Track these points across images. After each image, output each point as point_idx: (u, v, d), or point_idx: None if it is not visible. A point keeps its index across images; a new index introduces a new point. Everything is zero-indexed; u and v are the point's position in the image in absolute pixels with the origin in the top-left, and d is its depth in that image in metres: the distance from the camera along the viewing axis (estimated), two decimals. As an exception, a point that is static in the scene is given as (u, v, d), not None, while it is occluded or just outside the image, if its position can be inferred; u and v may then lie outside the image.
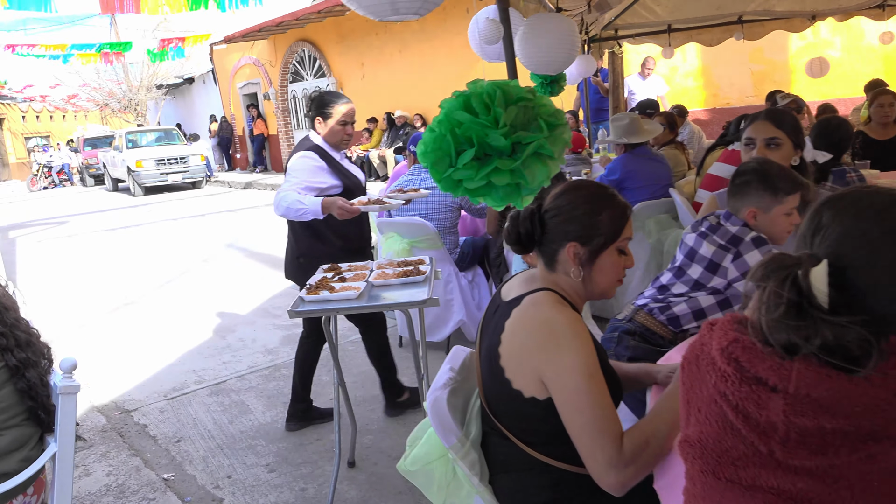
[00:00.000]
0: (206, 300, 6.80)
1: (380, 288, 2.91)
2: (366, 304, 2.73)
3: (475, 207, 4.73)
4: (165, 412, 4.20)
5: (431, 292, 2.73)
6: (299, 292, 2.87)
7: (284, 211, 3.34)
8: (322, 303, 2.74)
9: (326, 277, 3.04)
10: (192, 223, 12.39)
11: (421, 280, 2.93)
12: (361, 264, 3.27)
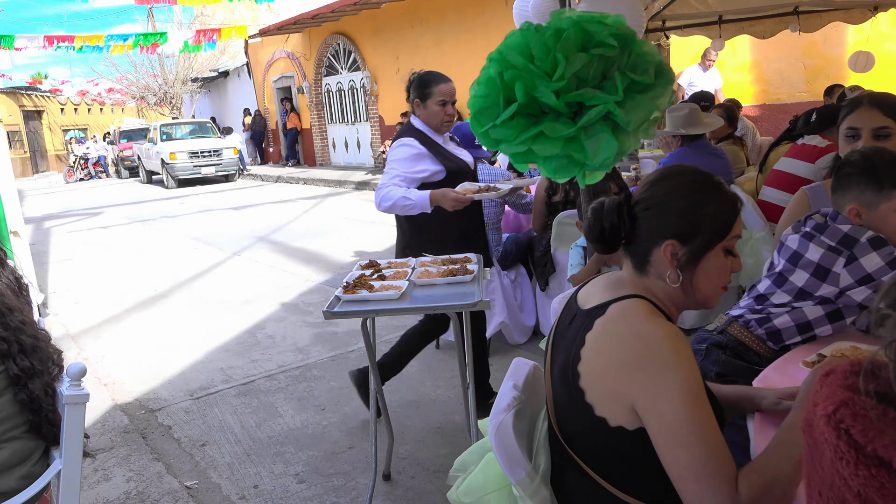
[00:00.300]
0: (236, 294, 6.60)
1: (423, 288, 2.64)
2: (409, 306, 2.46)
3: (520, 202, 4.44)
4: (191, 413, 3.98)
5: (483, 293, 2.45)
6: (335, 291, 2.61)
7: (389, 207, 3.17)
8: (360, 303, 2.48)
9: (365, 275, 2.78)
10: (224, 216, 12.28)
11: (468, 280, 2.65)
12: (402, 261, 3.00)
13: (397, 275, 2.78)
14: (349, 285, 2.62)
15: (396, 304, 2.46)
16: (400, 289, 2.54)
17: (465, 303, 2.38)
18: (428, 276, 2.71)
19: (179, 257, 8.73)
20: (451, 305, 2.42)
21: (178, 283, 7.36)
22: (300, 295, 6.43)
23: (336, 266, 7.50)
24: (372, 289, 2.58)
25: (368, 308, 2.45)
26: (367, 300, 2.50)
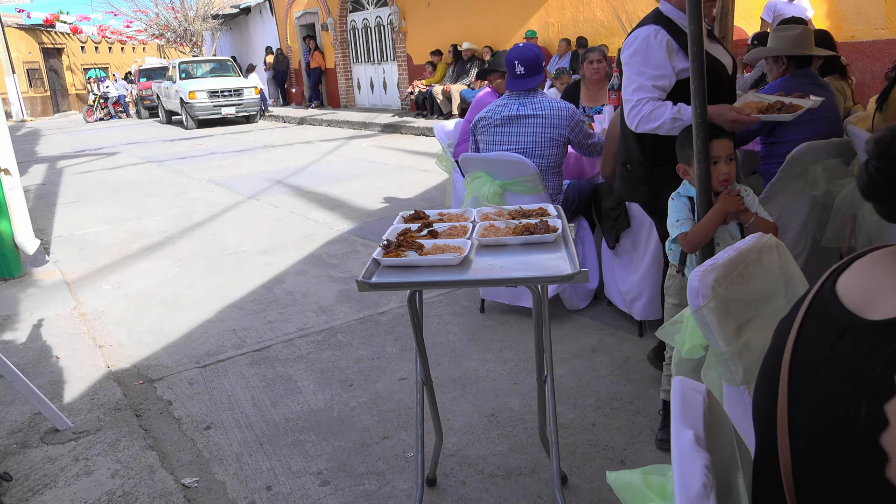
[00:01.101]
0: (252, 243, 5.98)
1: (491, 250, 1.95)
2: (474, 278, 1.78)
3: (586, 143, 3.70)
4: (196, 385, 3.38)
5: (576, 260, 1.76)
6: (374, 254, 1.93)
7: (653, 128, 2.57)
8: (408, 271, 1.80)
9: (410, 230, 2.10)
10: (244, 158, 11.61)
11: (551, 240, 1.96)
12: (458, 212, 2.31)
13: (453, 231, 2.09)
14: (390, 245, 1.94)
15: (456, 273, 1.78)
16: (460, 251, 1.86)
17: (556, 274, 1.70)
18: (495, 234, 2.02)
19: (194, 200, 8.11)
20: (536, 277, 1.73)
21: (190, 227, 6.75)
22: (323, 245, 5.78)
23: (362, 213, 6.83)
24: (422, 250, 1.90)
25: (419, 279, 1.78)
26: (416, 266, 1.82)
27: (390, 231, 2.10)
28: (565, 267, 1.73)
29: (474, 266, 1.82)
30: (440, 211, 2.32)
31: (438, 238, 2.03)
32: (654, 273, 3.45)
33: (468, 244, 1.92)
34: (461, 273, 1.77)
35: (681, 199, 2.42)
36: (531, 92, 3.64)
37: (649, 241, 3.44)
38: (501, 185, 3.62)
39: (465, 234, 2.05)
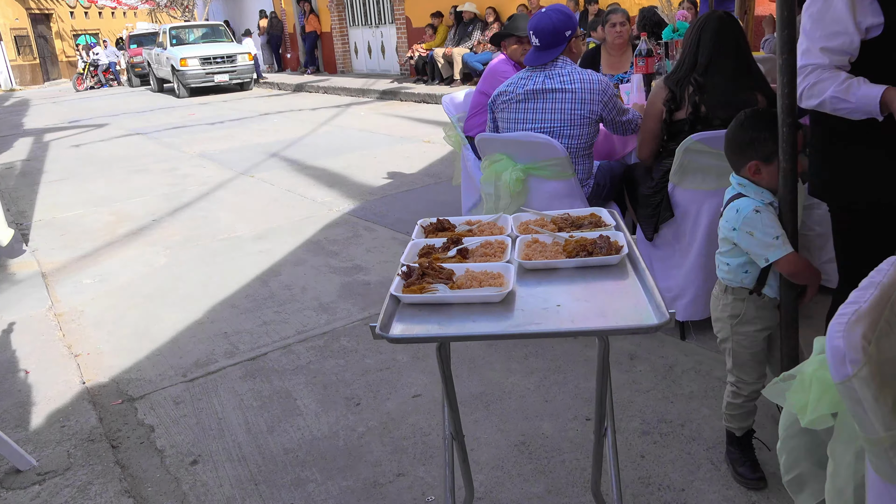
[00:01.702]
0: (245, 227, 5.54)
1: (538, 275, 1.51)
2: (532, 331, 1.34)
3: (619, 119, 3.24)
4: (182, 405, 2.98)
5: (658, 295, 1.33)
6: (392, 288, 1.49)
7: (814, 105, 1.93)
8: (437, 311, 1.37)
9: (434, 249, 1.66)
10: (237, 129, 11.10)
11: (616, 262, 1.53)
12: (489, 220, 1.87)
13: (488, 249, 1.65)
14: (411, 272, 1.50)
15: (501, 315, 1.35)
16: (501, 281, 1.43)
17: (637, 324, 1.27)
18: (542, 254, 1.58)
19: (184, 177, 7.64)
20: (612, 329, 1.30)
21: (180, 208, 6.30)
22: (323, 229, 5.34)
23: (363, 191, 6.38)
24: (452, 280, 1.46)
25: (453, 331, 1.34)
26: (445, 305, 1.39)
27: (409, 249, 1.66)
28: (645, 309, 1.30)
29: (521, 304, 1.39)
30: (468, 219, 1.87)
31: (470, 260, 1.59)
32: (700, 268, 3.02)
33: (509, 270, 1.48)
34: (506, 316, 1.34)
35: (768, 210, 1.96)
36: (557, 61, 3.16)
37: (695, 231, 3.00)
38: (524, 169, 3.17)
39: (503, 252, 1.62)
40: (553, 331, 1.30)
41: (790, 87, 1.82)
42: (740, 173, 2.05)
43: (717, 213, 2.96)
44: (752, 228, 1.94)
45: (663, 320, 1.21)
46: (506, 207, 3.24)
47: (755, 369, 2.10)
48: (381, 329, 1.29)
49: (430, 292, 1.41)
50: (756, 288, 2.01)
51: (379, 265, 4.45)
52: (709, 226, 2.95)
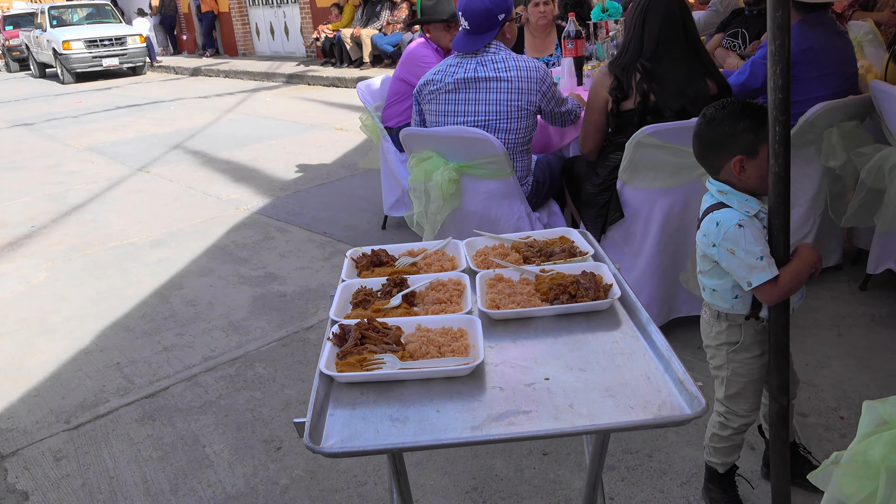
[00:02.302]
0: (142, 232, 4.96)
1: (508, 326, 1.18)
2: (523, 433, 0.99)
3: (560, 110, 2.94)
4: (64, 461, 2.50)
5: (677, 365, 1.01)
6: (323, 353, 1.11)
7: None
8: (384, 409, 1.01)
9: (373, 295, 1.29)
10: (130, 117, 10.23)
11: (606, 307, 1.20)
12: (436, 246, 1.51)
13: (441, 293, 1.29)
14: (345, 334, 1.12)
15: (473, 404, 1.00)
16: (465, 345, 1.08)
17: (665, 416, 0.94)
18: (510, 297, 1.24)
19: (70, 175, 6.89)
20: (634, 424, 0.97)
21: (65, 212, 5.62)
22: (230, 231, 4.84)
23: (274, 186, 5.87)
24: (402, 346, 1.10)
25: (408, 442, 0.97)
26: (397, 382, 1.02)
27: (339, 296, 1.29)
28: (662, 383, 0.97)
29: (497, 377, 1.04)
30: (409, 247, 1.51)
31: (419, 308, 1.23)
32: (653, 272, 2.78)
33: (475, 326, 1.14)
34: (479, 398, 1.00)
35: (752, 223, 1.66)
36: (490, 47, 2.82)
37: (647, 233, 2.75)
38: (458, 168, 2.83)
39: (461, 296, 1.27)
40: (555, 431, 0.96)
41: (784, 78, 1.54)
42: (720, 176, 1.75)
43: (671, 212, 2.71)
44: (734, 245, 1.64)
45: (698, 409, 0.89)
46: (437, 210, 2.89)
47: (749, 400, 1.83)
48: (312, 436, 0.91)
49: (373, 366, 1.05)
50: (752, 313, 1.73)
51: (295, 272, 4.02)
52: (662, 226, 2.70)
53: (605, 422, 0.93)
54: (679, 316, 2.92)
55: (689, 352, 2.80)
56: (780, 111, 1.57)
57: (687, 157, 2.58)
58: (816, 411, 2.40)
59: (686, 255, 2.76)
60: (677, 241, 2.74)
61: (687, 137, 2.55)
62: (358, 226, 4.69)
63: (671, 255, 2.76)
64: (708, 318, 1.84)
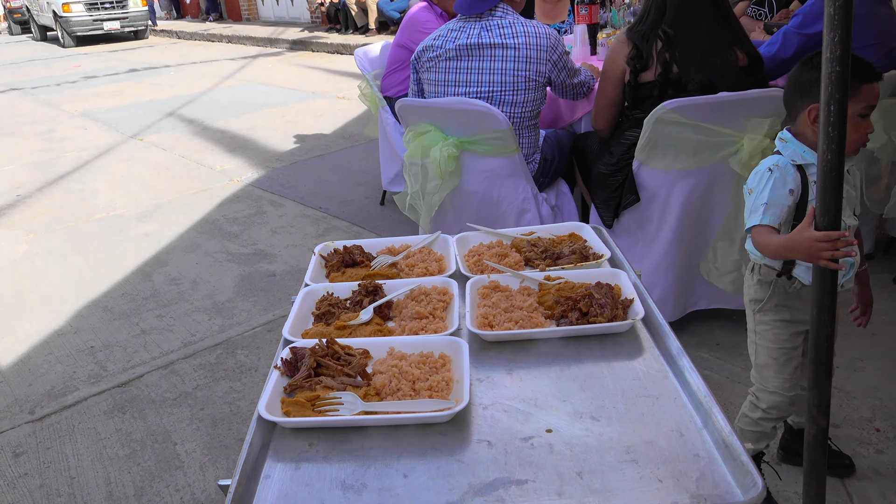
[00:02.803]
0: (129, 204, 4.73)
1: (502, 350, 0.94)
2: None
3: (572, 82, 2.67)
4: (24, 457, 2.30)
5: (717, 413, 0.77)
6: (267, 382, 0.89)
7: None
8: (336, 466, 0.77)
9: (340, 305, 1.05)
10: (128, 83, 9.96)
11: (625, 330, 0.96)
12: (423, 243, 1.27)
13: (422, 305, 1.06)
14: (296, 366, 0.89)
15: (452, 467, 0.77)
16: (447, 378, 0.84)
17: (711, 497, 0.70)
18: (507, 311, 1.00)
19: (61, 142, 6.65)
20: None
21: (52, 180, 5.39)
22: (221, 205, 4.60)
23: (270, 157, 5.62)
24: (367, 379, 0.86)
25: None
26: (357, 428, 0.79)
27: (299, 306, 1.06)
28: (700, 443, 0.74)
29: (485, 427, 0.81)
30: (389, 243, 1.27)
31: (394, 325, 1.00)
32: (670, 262, 2.53)
33: (461, 351, 0.90)
34: (460, 458, 0.76)
35: (784, 171, 1.50)
36: (496, 10, 2.55)
37: (664, 219, 2.50)
38: (458, 143, 2.57)
39: (447, 309, 1.03)
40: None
41: (843, 47, 1.28)
42: (796, 125, 1.61)
43: (691, 196, 2.46)
44: (753, 186, 1.57)
45: (752, 495, 0.65)
46: (435, 190, 2.64)
47: (780, 377, 1.66)
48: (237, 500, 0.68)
49: (328, 407, 0.81)
50: (784, 270, 1.60)
51: (286, 250, 3.79)
52: (681, 212, 2.44)
53: (625, 502, 0.70)
54: (696, 309, 2.67)
55: (706, 349, 2.57)
56: (837, 87, 1.31)
57: (712, 136, 2.32)
58: (849, 422, 2.16)
59: (706, 243, 2.51)
60: (698, 228, 2.49)
61: (712, 114, 2.31)
62: (355, 201, 4.44)
63: (690, 244, 2.51)
64: (745, 270, 1.75)
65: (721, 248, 2.47)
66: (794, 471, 1.96)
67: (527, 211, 2.68)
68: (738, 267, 2.47)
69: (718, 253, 2.48)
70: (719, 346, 2.60)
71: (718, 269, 2.49)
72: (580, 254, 1.18)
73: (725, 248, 2.46)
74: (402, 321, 1.03)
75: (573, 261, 1.16)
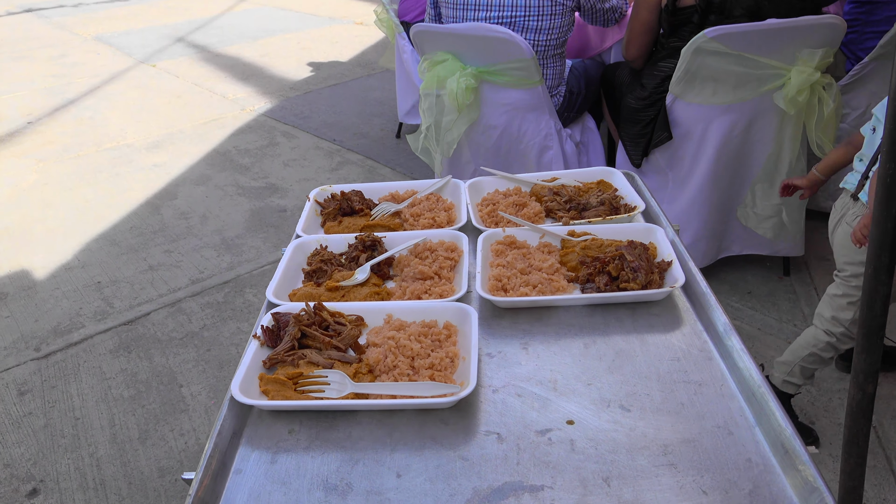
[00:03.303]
0: (139, 131, 4.60)
1: (517, 317, 0.81)
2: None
3: (603, 6, 2.45)
4: (28, 396, 2.25)
5: (785, 421, 0.64)
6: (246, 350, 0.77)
7: None
8: (317, 455, 0.65)
9: (333, 262, 0.92)
10: (143, 5, 9.66)
11: (661, 298, 0.82)
12: (430, 188, 1.13)
13: (428, 263, 0.92)
14: (277, 336, 0.76)
15: (454, 467, 0.65)
16: (453, 353, 0.72)
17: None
18: (523, 271, 0.87)
19: (73, 67, 6.47)
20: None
21: (63, 106, 5.25)
22: (232, 135, 4.45)
23: (284, 86, 5.42)
24: (358, 355, 0.74)
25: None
26: (345, 413, 0.68)
27: (286, 262, 0.93)
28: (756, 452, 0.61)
29: (493, 414, 0.69)
30: (393, 188, 1.13)
31: (395, 287, 0.87)
32: (702, 203, 2.37)
33: (469, 319, 0.77)
34: (464, 454, 0.64)
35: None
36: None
37: (698, 158, 2.32)
38: (477, 73, 2.39)
39: (454, 268, 0.89)
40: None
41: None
42: None
43: (730, 134, 2.27)
44: (878, 124, 1.55)
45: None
46: (451, 124, 2.47)
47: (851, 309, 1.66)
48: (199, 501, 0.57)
49: (312, 387, 0.69)
50: (857, 191, 1.63)
51: (298, 185, 3.66)
52: (718, 151, 2.26)
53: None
54: (729, 255, 2.52)
55: (736, 297, 2.44)
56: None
57: (756, 68, 2.12)
58: (888, 380, 2.03)
59: (744, 184, 2.34)
60: (735, 168, 2.31)
61: (759, 43, 2.09)
62: (370, 133, 4.27)
63: (726, 185, 2.34)
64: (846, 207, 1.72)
65: (761, 191, 2.30)
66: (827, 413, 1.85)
67: (549, 148, 2.51)
68: (779, 212, 2.30)
69: (758, 197, 2.31)
70: (751, 295, 2.46)
71: (758, 214, 2.32)
72: (610, 205, 1.03)
73: (765, 191, 2.29)
74: (402, 282, 0.90)
75: (601, 213, 1.01)
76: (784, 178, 2.26)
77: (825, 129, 2.15)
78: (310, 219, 1.10)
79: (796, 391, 1.83)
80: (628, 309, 0.84)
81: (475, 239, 0.98)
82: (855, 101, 2.54)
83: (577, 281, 0.89)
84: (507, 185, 1.13)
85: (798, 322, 2.31)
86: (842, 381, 2.06)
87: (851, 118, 2.58)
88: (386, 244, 0.96)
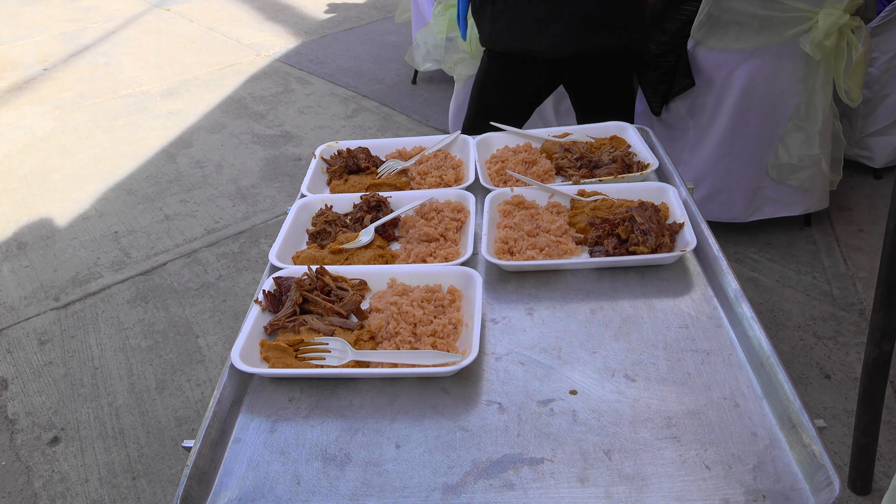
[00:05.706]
0: (154, 77, 4.56)
1: (525, 280, 0.79)
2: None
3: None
4: (48, 345, 2.29)
5: (795, 400, 0.62)
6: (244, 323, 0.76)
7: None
8: (317, 422, 0.64)
9: (337, 223, 0.90)
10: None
11: (671, 261, 0.80)
12: (439, 144, 1.10)
13: (433, 224, 0.90)
14: (279, 301, 0.75)
15: (455, 437, 0.64)
16: (456, 319, 0.70)
17: (770, 492, 0.56)
18: (531, 233, 0.85)
19: (87, 11, 6.39)
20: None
21: (78, 52, 5.21)
22: (247, 82, 4.40)
23: (299, 30, 5.32)
24: (360, 321, 0.73)
25: None
26: (343, 390, 0.67)
27: (290, 223, 0.92)
28: (763, 426, 0.59)
29: (496, 383, 0.67)
30: (400, 145, 1.10)
31: (400, 249, 0.85)
32: (723, 154, 2.31)
33: (474, 283, 0.75)
34: (465, 424, 0.63)
35: None
36: None
37: (720, 106, 2.25)
38: (493, 18, 2.30)
39: (461, 230, 0.87)
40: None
41: None
42: None
43: (754, 81, 2.19)
44: None
45: (828, 499, 0.52)
46: (461, 60, 2.41)
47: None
48: (195, 487, 0.57)
49: (312, 353, 0.68)
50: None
51: (313, 132, 3.62)
52: (740, 99, 2.19)
53: (663, 496, 0.57)
54: (761, 218, 2.42)
55: (755, 248, 2.40)
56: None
57: (782, 11, 2.03)
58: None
59: (774, 136, 2.26)
60: (761, 118, 2.23)
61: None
62: (386, 79, 4.20)
63: (751, 136, 2.27)
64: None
65: (793, 141, 2.21)
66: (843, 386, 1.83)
67: (563, 94, 2.45)
68: (816, 162, 2.22)
69: (791, 148, 2.23)
70: (770, 246, 2.41)
71: (792, 165, 2.24)
72: (622, 162, 1.00)
73: (799, 141, 2.21)
74: (407, 244, 0.89)
75: (613, 171, 0.98)
76: (819, 129, 2.19)
77: (853, 75, 2.07)
78: (315, 176, 1.08)
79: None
80: (637, 273, 0.82)
81: (483, 198, 0.95)
82: (885, 44, 2.44)
83: (585, 243, 0.86)
84: (518, 142, 1.09)
85: (818, 274, 2.27)
86: (860, 336, 2.03)
87: (881, 62, 2.48)
88: (391, 204, 0.94)
